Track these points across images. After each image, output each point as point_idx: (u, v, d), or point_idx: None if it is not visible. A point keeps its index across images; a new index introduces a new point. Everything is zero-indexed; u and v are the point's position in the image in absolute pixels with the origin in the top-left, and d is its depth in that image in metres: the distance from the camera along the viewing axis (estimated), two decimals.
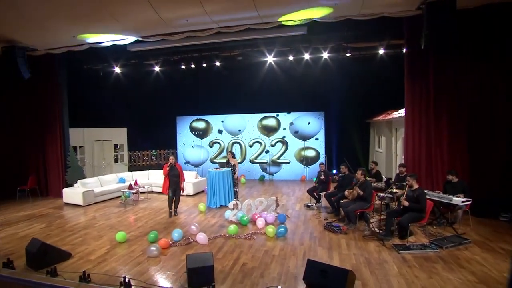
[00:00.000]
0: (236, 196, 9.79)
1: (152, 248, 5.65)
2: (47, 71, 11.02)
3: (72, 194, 9.74)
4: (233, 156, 9.83)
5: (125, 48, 10.98)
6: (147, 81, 14.23)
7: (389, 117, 11.75)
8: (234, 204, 7.85)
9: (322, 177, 8.96)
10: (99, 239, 6.63)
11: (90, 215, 8.58)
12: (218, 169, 9.41)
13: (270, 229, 6.63)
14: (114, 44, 10.13)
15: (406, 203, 6.17)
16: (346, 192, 7.47)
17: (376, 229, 6.73)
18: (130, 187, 9.94)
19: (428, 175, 8.34)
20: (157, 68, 14.02)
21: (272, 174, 14.20)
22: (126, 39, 9.72)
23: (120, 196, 10.20)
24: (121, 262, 5.48)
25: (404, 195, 6.35)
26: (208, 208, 9.08)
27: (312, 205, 9.06)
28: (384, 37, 11.07)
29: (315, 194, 9.15)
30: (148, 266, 5.33)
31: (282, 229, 6.66)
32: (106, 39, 9.59)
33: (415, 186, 6.36)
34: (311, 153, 13.87)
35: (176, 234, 6.41)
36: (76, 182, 10.29)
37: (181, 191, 8.46)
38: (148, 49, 10.79)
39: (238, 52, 12.67)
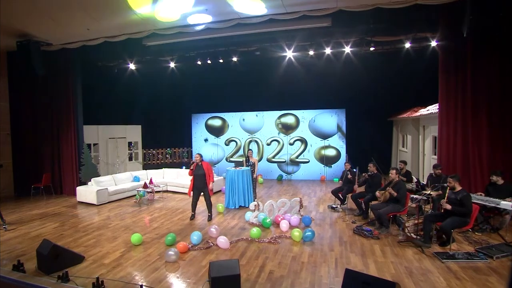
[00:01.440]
0: (254, 196, 9.34)
1: (170, 252, 5.21)
2: (62, 67, 10.78)
3: (86, 192, 9.43)
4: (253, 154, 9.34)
5: (140, 43, 10.66)
6: (162, 78, 13.92)
7: (416, 114, 11.08)
8: (255, 205, 7.36)
9: (349, 176, 8.39)
10: (113, 241, 6.24)
11: (104, 215, 8.24)
12: (237, 168, 8.94)
13: (296, 233, 6.12)
14: (129, 38, 9.80)
15: (449, 206, 5.56)
16: (377, 193, 6.89)
17: (412, 235, 6.13)
18: (145, 186, 9.57)
19: (465, 176, 7.66)
20: (172, 65, 13.66)
21: (290, 173, 13.67)
22: (143, 33, 9.36)
23: (134, 195, 9.86)
24: (137, 267, 5.06)
25: (445, 198, 5.75)
26: (226, 209, 8.63)
27: (337, 207, 8.51)
28: (411, 30, 10.39)
29: (340, 195, 8.60)
30: (166, 272, 4.89)
31: (309, 233, 6.14)
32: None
33: (458, 188, 5.73)
34: (331, 152, 13.27)
35: (195, 237, 5.96)
36: (90, 180, 9.99)
37: (210, 193, 7.53)
38: (164, 43, 10.43)
39: (256, 47, 12.18)
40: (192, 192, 7.55)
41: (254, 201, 9.08)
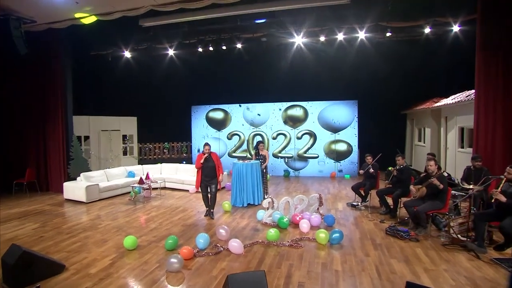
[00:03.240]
0: (265, 193, 8.36)
1: (173, 260, 4.19)
2: (49, 49, 9.70)
3: (74, 189, 8.37)
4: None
5: (136, 25, 9.65)
6: (159, 67, 12.97)
7: (438, 104, 10.15)
8: (269, 203, 6.35)
9: (371, 170, 7.42)
10: (102, 245, 5.21)
11: (93, 214, 7.19)
12: (245, 161, 7.93)
13: (322, 235, 5.13)
14: (124, 19, 8.75)
15: (504, 198, 4.60)
16: (412, 188, 5.92)
17: (459, 236, 5.17)
18: (140, 181, 8.54)
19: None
20: (171, 52, 12.69)
21: (298, 170, 12.68)
22: (139, 9, 8.33)
23: (129, 192, 8.82)
24: (131, 279, 4.04)
25: (499, 188, 4.79)
26: (233, 207, 7.62)
27: (358, 205, 7.54)
28: (431, 14, 9.49)
29: (361, 191, 7.64)
30: (168, 285, 3.87)
31: (337, 235, 5.15)
32: None
33: None
34: (342, 147, 12.31)
35: (202, 240, 4.95)
36: (79, 176, 8.93)
37: (218, 186, 6.78)
38: (162, 23, 9.41)
39: (263, 33, 11.22)
40: (200, 187, 6.74)
41: (265, 198, 8.14)
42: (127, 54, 12.90)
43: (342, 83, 12.56)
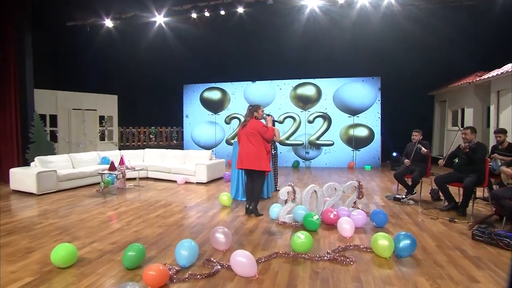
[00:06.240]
0: (276, 183, 6.39)
1: None
2: None
3: (22, 176, 6.31)
4: (273, 124, 6.12)
5: None
6: (146, 38, 11.04)
7: (489, 75, 8.22)
8: (288, 193, 4.33)
9: (424, 150, 5.45)
10: (22, 257, 3.18)
11: (39, 209, 5.15)
12: None
13: (384, 241, 3.12)
14: None
15: None
16: (505, 169, 3.96)
17: None
18: (111, 167, 6.50)
19: None
20: (160, 20, 10.75)
21: (309, 160, 10.68)
22: None
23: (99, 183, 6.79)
24: None
25: None
26: (234, 201, 5.61)
27: (403, 198, 5.55)
28: None
29: (407, 180, 5.68)
30: None
31: (408, 242, 3.14)
32: None
33: None
34: (362, 132, 10.32)
35: (185, 251, 2.93)
36: (34, 160, 6.88)
37: (266, 171, 4.66)
38: None
39: None
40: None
41: (277, 189, 6.18)
42: (108, 23, 11.00)
43: (363, 57, 10.56)
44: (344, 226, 3.75)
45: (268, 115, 5.20)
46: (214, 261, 3.01)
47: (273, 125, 5.04)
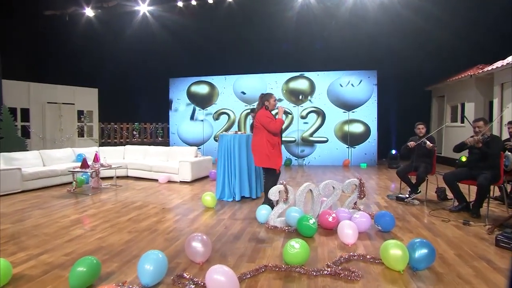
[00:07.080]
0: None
1: None
2: None
3: None
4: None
5: None
6: (129, 28, 10.39)
7: (488, 69, 7.77)
8: (280, 192, 3.74)
9: (429, 144, 4.92)
10: None
11: None
12: (237, 132, 5.33)
13: (396, 251, 2.55)
14: None
15: None
16: None
17: None
18: (84, 164, 5.83)
19: None
20: (144, 9, 10.16)
21: (302, 157, 10.14)
22: None
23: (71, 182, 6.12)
24: None
25: None
26: (219, 201, 5.01)
27: (408, 198, 5.02)
28: None
29: (410, 178, 5.14)
30: None
31: (425, 251, 2.58)
32: None
33: None
34: (358, 128, 9.81)
35: (150, 267, 2.33)
36: None
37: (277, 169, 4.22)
38: None
39: None
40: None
41: (280, 184, 5.58)
42: (89, 12, 10.38)
43: (359, 48, 10.04)
44: (346, 231, 3.18)
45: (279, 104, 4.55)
46: (187, 277, 2.41)
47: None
